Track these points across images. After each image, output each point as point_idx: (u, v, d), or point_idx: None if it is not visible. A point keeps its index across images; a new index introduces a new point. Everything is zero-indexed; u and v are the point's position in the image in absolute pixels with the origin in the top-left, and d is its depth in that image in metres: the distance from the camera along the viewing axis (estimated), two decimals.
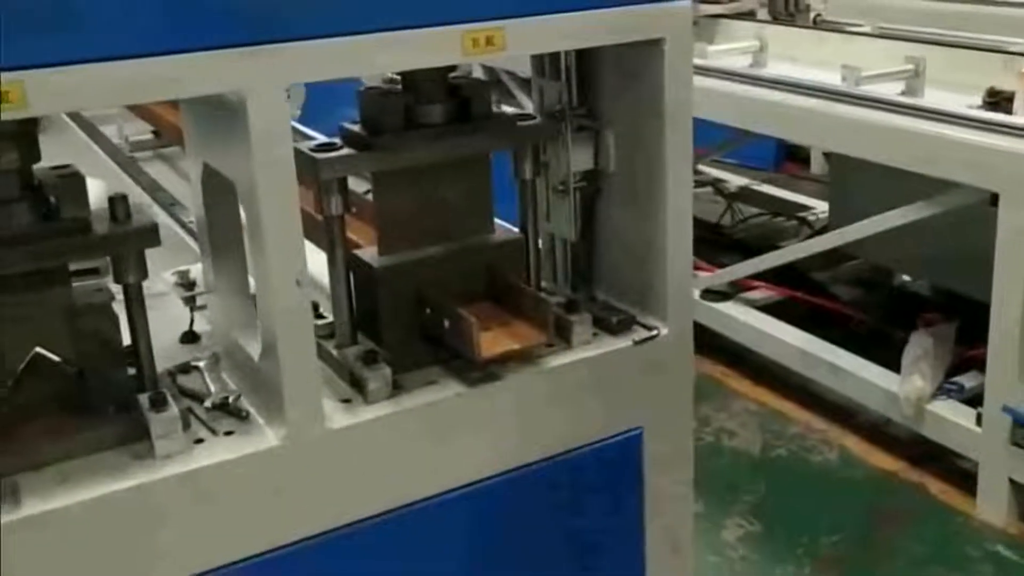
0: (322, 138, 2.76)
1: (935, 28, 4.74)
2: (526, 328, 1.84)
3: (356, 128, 1.86)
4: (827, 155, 7.17)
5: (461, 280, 1.92)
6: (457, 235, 1.96)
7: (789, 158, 7.47)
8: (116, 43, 1.42)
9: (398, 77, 1.92)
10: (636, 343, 1.95)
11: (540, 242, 2.08)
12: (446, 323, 1.80)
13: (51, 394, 1.68)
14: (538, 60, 2.12)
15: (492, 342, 1.78)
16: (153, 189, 2.99)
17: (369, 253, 1.91)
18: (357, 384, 1.80)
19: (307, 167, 1.74)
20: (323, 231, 1.83)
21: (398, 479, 1.78)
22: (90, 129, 3.79)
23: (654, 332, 1.97)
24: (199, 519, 1.63)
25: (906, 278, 5.15)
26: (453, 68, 1.89)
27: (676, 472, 2.08)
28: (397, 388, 1.80)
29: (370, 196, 2.07)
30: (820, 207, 5.79)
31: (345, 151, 1.80)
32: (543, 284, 2.09)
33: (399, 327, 1.87)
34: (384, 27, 1.60)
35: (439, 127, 1.86)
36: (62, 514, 1.52)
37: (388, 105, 1.82)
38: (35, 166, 1.65)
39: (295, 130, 3.36)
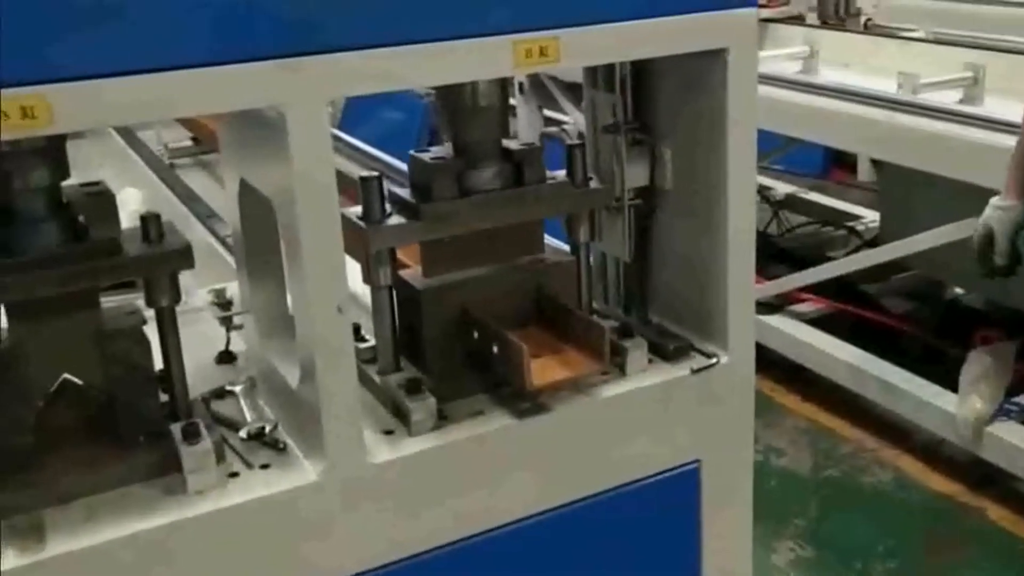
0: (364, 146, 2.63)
1: (992, 33, 4.58)
2: (580, 356, 1.73)
3: (405, 194, 1.76)
4: (874, 161, 7.05)
5: (509, 303, 1.82)
6: (505, 256, 1.85)
7: (836, 163, 7.31)
8: (147, 55, 1.33)
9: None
10: (694, 372, 1.84)
11: (591, 261, 1.97)
12: (494, 349, 1.70)
13: (79, 422, 1.60)
14: (591, 70, 2.02)
15: (543, 370, 1.68)
16: (190, 199, 2.92)
17: (413, 274, 1.81)
18: (400, 414, 1.70)
19: (355, 237, 1.66)
20: (371, 298, 1.76)
21: (442, 516, 1.68)
22: (128, 135, 3.73)
23: (713, 360, 1.86)
24: (233, 559, 1.53)
25: (959, 291, 4.99)
26: (506, 132, 1.81)
27: (735, 506, 1.97)
28: (442, 418, 1.70)
29: None
30: (869, 216, 5.64)
31: (395, 220, 1.71)
32: (594, 305, 1.98)
33: (444, 353, 1.77)
34: (432, 37, 1.49)
35: (491, 193, 1.77)
36: (88, 555, 1.43)
37: (439, 172, 1.73)
38: (63, 183, 1.56)
39: (335, 138, 3.29)
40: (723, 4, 1.69)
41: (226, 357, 2.02)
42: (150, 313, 1.62)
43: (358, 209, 1.72)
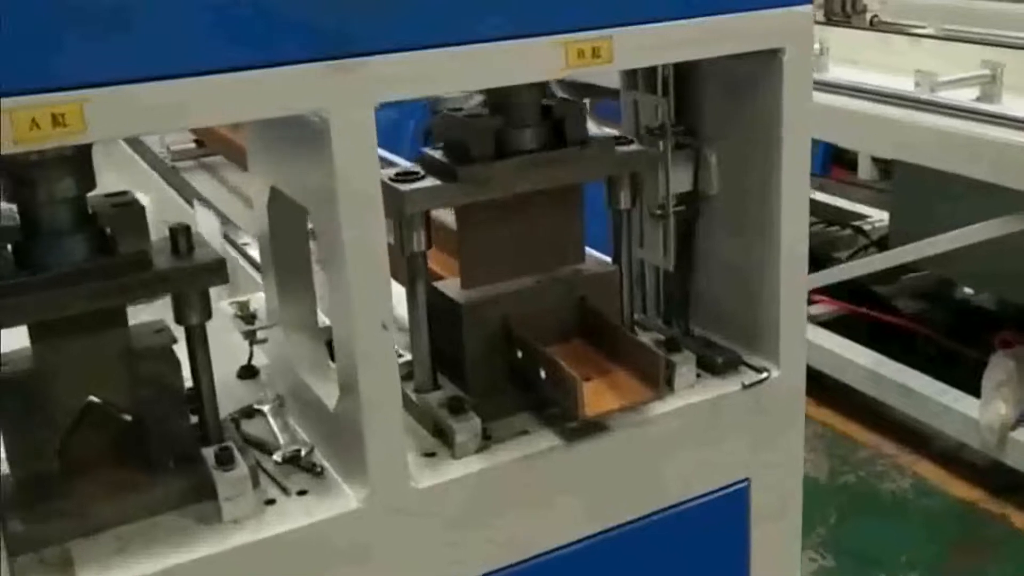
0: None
1: (999, 30, 4.51)
2: (632, 381, 1.63)
3: (438, 155, 1.67)
4: (876, 160, 6.99)
5: (552, 316, 1.74)
6: (546, 266, 1.77)
7: (836, 162, 7.25)
8: (187, 58, 1.24)
9: (479, 98, 1.73)
10: (745, 387, 1.76)
11: (632, 270, 1.88)
12: (541, 372, 1.61)
13: (106, 446, 1.52)
14: (630, 71, 1.93)
15: (596, 398, 1.58)
16: (201, 205, 2.81)
17: (451, 286, 1.73)
18: (441, 435, 1.62)
19: (388, 199, 1.55)
20: (403, 268, 1.64)
21: (488, 543, 1.59)
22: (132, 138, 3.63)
23: (764, 375, 1.78)
24: None
25: (968, 290, 4.93)
26: (546, 90, 1.70)
27: (784, 525, 1.89)
28: (486, 439, 1.61)
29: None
30: (875, 215, 5.59)
31: (430, 182, 1.61)
32: (634, 316, 1.90)
33: (485, 369, 1.69)
34: (483, 38, 1.41)
35: (532, 154, 1.67)
36: None
37: (476, 130, 1.63)
38: (89, 194, 1.47)
39: None
40: (780, 1, 1.61)
41: (248, 372, 1.93)
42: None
43: (390, 171, 1.63)
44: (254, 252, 2.40)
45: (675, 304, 1.97)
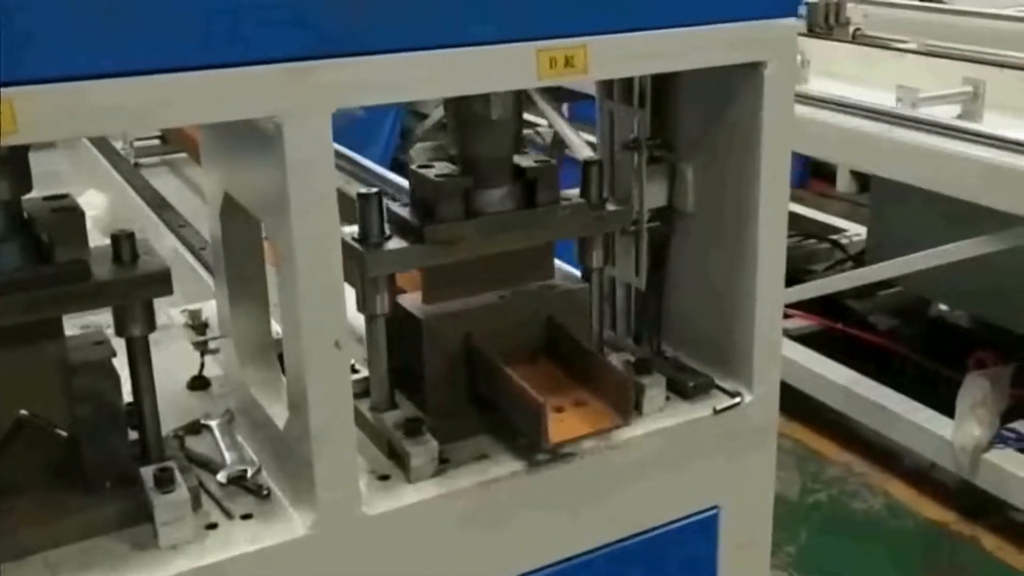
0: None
1: (978, 46, 4.48)
2: (599, 405, 1.57)
3: (406, 212, 1.59)
4: (855, 174, 6.96)
5: (518, 334, 1.67)
6: (513, 280, 1.69)
7: (814, 174, 7.22)
8: (131, 56, 1.15)
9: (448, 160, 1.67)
10: (717, 412, 1.69)
11: (603, 288, 1.81)
12: (504, 392, 1.54)
13: (38, 465, 1.43)
14: (607, 81, 1.86)
15: (562, 425, 1.52)
16: (160, 206, 2.71)
17: (412, 301, 1.65)
18: (396, 457, 1.54)
19: (351, 261, 1.48)
20: (365, 327, 1.58)
21: (443, 572, 1.52)
22: None
23: (737, 400, 1.71)
24: None
25: (943, 308, 4.89)
26: (518, 149, 1.64)
27: (754, 553, 1.83)
28: (443, 462, 1.54)
29: None
30: (852, 229, 5.55)
31: (395, 244, 1.53)
32: (604, 335, 1.83)
33: (446, 388, 1.61)
34: (449, 43, 1.33)
35: (502, 216, 1.60)
36: None
37: (444, 190, 1.55)
38: (25, 197, 1.38)
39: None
40: (763, 13, 1.54)
41: (199, 383, 1.84)
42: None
43: (353, 229, 1.55)
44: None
45: (646, 323, 1.90)
